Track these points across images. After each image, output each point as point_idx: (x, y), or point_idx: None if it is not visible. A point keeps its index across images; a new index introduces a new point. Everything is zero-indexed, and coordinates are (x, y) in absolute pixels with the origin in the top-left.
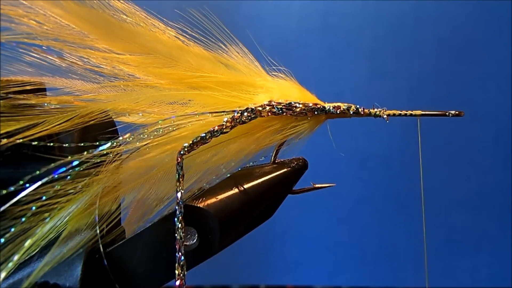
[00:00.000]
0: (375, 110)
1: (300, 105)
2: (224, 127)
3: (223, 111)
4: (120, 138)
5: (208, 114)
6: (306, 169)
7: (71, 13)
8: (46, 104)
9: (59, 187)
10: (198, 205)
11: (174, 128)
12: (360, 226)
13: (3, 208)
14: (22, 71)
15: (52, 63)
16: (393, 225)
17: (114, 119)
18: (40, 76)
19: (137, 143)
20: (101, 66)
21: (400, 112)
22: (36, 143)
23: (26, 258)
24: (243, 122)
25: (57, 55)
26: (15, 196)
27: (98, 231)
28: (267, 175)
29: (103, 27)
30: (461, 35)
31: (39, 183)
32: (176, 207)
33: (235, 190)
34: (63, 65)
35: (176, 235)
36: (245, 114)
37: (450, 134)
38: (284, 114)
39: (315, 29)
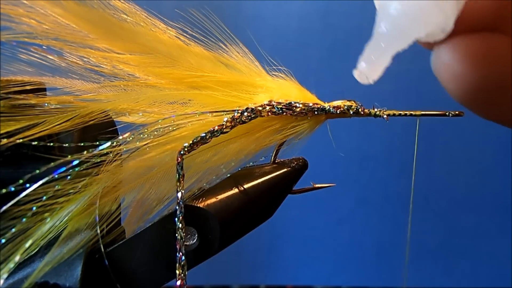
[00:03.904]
0: (375, 110)
1: (300, 105)
2: (224, 127)
3: (223, 111)
4: (120, 137)
5: (208, 114)
6: (306, 169)
7: (71, 13)
8: (46, 104)
9: (59, 187)
10: (198, 205)
11: (174, 128)
12: (360, 226)
13: (4, 208)
14: (22, 71)
15: (52, 63)
16: (393, 225)
17: (114, 119)
18: (40, 76)
19: (137, 142)
20: (101, 65)
21: (400, 112)
22: (36, 143)
23: (26, 258)
24: (243, 122)
25: (57, 54)
26: (15, 196)
27: (98, 231)
28: (267, 175)
29: (103, 26)
30: None
31: (41, 182)
32: (177, 207)
33: (235, 190)
34: (63, 65)
35: (176, 235)
36: (245, 114)
37: (450, 134)
38: (284, 114)
39: (315, 29)
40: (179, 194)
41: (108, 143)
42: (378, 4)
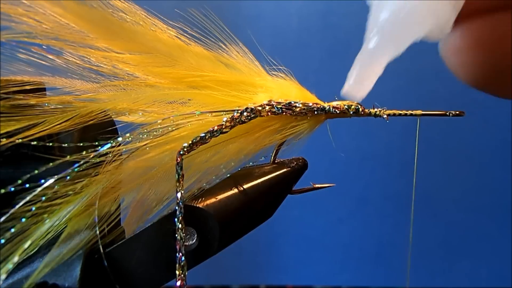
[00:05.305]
0: (375, 110)
1: (300, 105)
2: (223, 127)
3: (223, 111)
4: (120, 138)
5: (208, 114)
6: (306, 169)
7: (71, 12)
8: (46, 104)
9: (58, 187)
10: (198, 205)
11: (174, 128)
12: (360, 226)
13: (11, 211)
14: (22, 71)
15: (52, 63)
16: (393, 225)
17: (114, 119)
18: (40, 76)
19: (137, 143)
20: (101, 65)
21: (400, 112)
22: (36, 143)
23: (25, 258)
24: (243, 122)
25: (57, 54)
26: (15, 196)
27: (98, 232)
28: (267, 175)
29: (103, 26)
30: None
31: (48, 183)
32: (176, 207)
33: (235, 190)
34: (63, 65)
35: (176, 235)
36: (245, 113)
37: (450, 134)
38: (284, 113)
39: (315, 29)
40: (179, 194)
41: (109, 145)
42: (371, 4)
